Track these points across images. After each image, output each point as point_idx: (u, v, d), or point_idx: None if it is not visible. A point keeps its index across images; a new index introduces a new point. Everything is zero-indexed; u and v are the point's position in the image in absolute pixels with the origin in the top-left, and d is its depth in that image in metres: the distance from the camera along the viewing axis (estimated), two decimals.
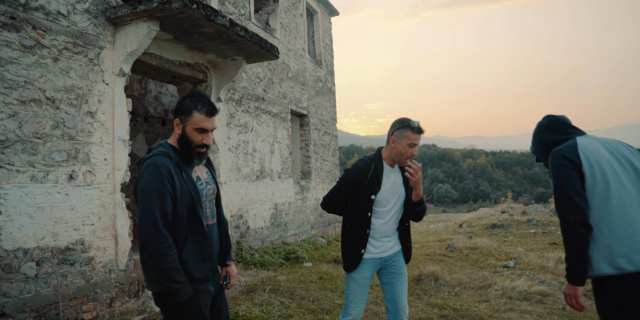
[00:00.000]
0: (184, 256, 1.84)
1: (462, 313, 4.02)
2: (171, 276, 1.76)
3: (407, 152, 2.43)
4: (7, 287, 3.17)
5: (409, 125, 2.41)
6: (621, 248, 1.81)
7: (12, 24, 3.32)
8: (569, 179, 1.90)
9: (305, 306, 4.23)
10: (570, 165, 1.92)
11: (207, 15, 4.13)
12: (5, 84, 3.25)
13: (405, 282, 2.58)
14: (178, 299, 1.80)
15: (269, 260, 6.21)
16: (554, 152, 2.00)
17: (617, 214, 1.85)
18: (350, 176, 2.47)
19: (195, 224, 1.88)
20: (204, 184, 2.00)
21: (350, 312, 2.46)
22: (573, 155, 1.94)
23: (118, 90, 4.21)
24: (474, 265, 6.19)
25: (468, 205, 65.27)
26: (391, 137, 2.47)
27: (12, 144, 3.27)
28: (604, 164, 1.92)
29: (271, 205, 7.48)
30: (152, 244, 1.75)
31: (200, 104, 1.89)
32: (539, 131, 2.19)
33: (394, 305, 2.51)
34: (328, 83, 10.78)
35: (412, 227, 12.32)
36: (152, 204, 1.77)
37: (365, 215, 2.45)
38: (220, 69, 5.90)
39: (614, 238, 1.83)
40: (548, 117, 2.21)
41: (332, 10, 11.11)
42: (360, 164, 2.50)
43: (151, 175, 1.81)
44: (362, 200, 2.45)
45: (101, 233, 3.97)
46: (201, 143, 1.92)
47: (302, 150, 9.43)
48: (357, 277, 2.47)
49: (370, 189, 2.44)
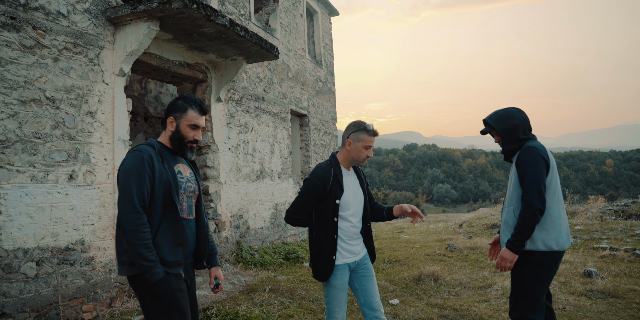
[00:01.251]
0: (157, 240, 1.90)
1: (462, 313, 4.02)
2: (143, 253, 1.82)
3: (362, 154, 2.51)
4: (7, 287, 3.17)
5: (365, 128, 2.47)
6: (554, 233, 2.37)
7: (12, 24, 3.32)
8: (541, 174, 2.35)
9: (305, 306, 4.23)
10: (543, 162, 2.38)
11: (207, 15, 4.14)
12: (5, 84, 3.25)
13: (376, 283, 2.62)
14: (149, 280, 1.84)
15: (269, 260, 6.21)
16: (531, 148, 2.41)
17: (557, 207, 2.41)
18: (312, 185, 2.45)
19: (170, 210, 1.96)
20: (184, 179, 2.09)
21: (336, 316, 2.48)
22: (545, 154, 2.41)
23: (118, 90, 4.22)
24: (474, 265, 6.19)
25: (468, 205, 65.29)
26: (347, 140, 2.51)
27: (12, 144, 3.27)
28: (554, 166, 2.47)
29: (271, 205, 7.48)
30: (126, 220, 1.82)
31: (193, 104, 2.09)
32: (518, 122, 2.51)
33: (370, 308, 2.53)
34: (328, 83, 10.78)
35: (412, 227, 12.32)
36: (130, 184, 1.87)
37: (332, 220, 2.45)
38: (220, 69, 5.90)
39: (552, 224, 2.38)
40: (525, 115, 2.56)
41: (332, 10, 11.11)
42: (320, 171, 2.48)
43: (132, 158, 1.93)
44: (327, 207, 2.46)
45: (101, 233, 3.97)
46: (193, 138, 2.09)
47: (302, 150, 9.44)
48: (337, 283, 2.46)
49: (334, 194, 2.46)
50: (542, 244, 2.36)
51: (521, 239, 2.33)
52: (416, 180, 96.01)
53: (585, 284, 4.91)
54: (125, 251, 1.89)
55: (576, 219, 9.57)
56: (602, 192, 59.90)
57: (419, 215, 2.48)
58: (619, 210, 10.04)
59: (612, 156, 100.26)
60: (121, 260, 1.92)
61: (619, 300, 4.33)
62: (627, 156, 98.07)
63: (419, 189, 78.99)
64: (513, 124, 2.51)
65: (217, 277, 2.22)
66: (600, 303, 4.25)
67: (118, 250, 1.94)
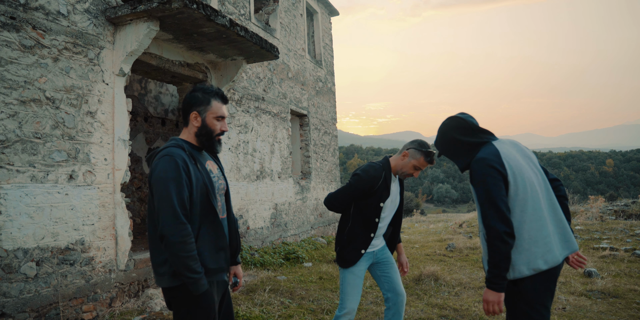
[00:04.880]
0: (198, 246, 1.81)
1: (462, 313, 4.01)
2: (190, 265, 1.72)
3: (410, 171, 2.61)
4: (7, 287, 3.17)
5: (426, 152, 2.56)
6: (538, 250, 1.91)
7: (12, 24, 3.32)
8: (497, 190, 1.90)
9: (305, 306, 4.23)
10: (496, 175, 1.92)
11: (207, 15, 4.13)
12: (5, 84, 3.25)
13: (397, 269, 2.79)
14: (194, 292, 1.74)
15: (269, 260, 6.21)
16: (478, 161, 1.98)
17: (533, 219, 1.93)
18: (362, 182, 2.55)
19: (209, 214, 1.86)
20: (215, 177, 2.00)
21: (347, 305, 2.57)
22: (498, 164, 1.94)
23: (118, 90, 4.21)
24: (474, 265, 6.18)
25: (468, 205, 65.24)
26: (405, 151, 2.61)
27: (12, 144, 3.27)
28: (523, 171, 1.97)
29: (271, 205, 7.48)
30: (171, 233, 1.70)
31: (215, 94, 1.96)
32: (452, 131, 2.12)
33: (394, 293, 2.68)
34: (328, 83, 10.78)
35: (412, 227, 12.32)
36: (169, 193, 1.74)
37: (373, 220, 2.59)
38: (220, 69, 5.90)
39: (533, 242, 1.91)
40: (456, 119, 2.14)
41: (332, 10, 11.12)
42: (372, 171, 2.57)
43: (167, 164, 1.79)
44: (370, 206, 2.58)
45: (101, 233, 3.97)
46: (220, 131, 1.97)
47: (302, 150, 9.43)
48: (356, 269, 2.60)
49: (380, 196, 2.57)
50: (526, 267, 1.90)
51: (498, 273, 1.89)
52: (416, 180, 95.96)
53: (585, 284, 4.91)
54: (165, 261, 1.79)
55: (576, 219, 9.56)
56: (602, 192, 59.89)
57: (404, 269, 2.84)
58: (619, 210, 10.04)
59: (612, 156, 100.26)
60: (160, 271, 1.81)
61: (619, 300, 4.33)
62: (627, 156, 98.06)
63: (419, 189, 79.01)
64: (449, 137, 2.14)
65: (237, 275, 2.17)
66: (600, 303, 4.25)
67: (156, 260, 1.83)
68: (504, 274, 1.89)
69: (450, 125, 2.14)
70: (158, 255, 1.82)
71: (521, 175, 1.96)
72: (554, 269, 1.94)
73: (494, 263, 1.89)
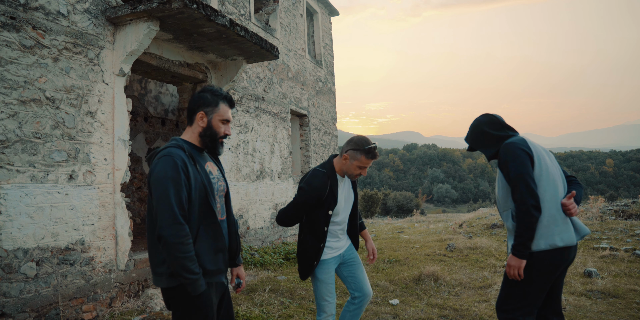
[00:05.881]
0: (196, 248, 1.81)
1: (462, 313, 4.02)
2: (188, 266, 1.72)
3: (356, 172, 2.52)
4: (7, 287, 3.17)
5: (364, 150, 2.45)
6: (556, 228, 2.16)
7: (12, 24, 3.32)
8: (526, 168, 2.17)
9: (305, 306, 4.23)
10: (525, 155, 2.19)
11: (207, 15, 4.13)
12: (5, 84, 3.25)
13: (364, 270, 2.77)
14: (192, 292, 1.75)
15: (269, 260, 6.21)
16: (507, 144, 2.26)
17: (553, 199, 2.19)
18: (307, 196, 2.49)
19: (208, 215, 1.86)
20: (215, 179, 1.99)
21: (325, 310, 2.57)
22: (525, 146, 2.23)
23: (118, 90, 4.21)
24: (474, 265, 6.19)
25: (468, 205, 65.28)
26: (344, 154, 2.51)
27: (12, 144, 3.27)
28: (544, 156, 2.27)
29: (271, 205, 7.48)
30: (169, 233, 1.70)
31: (224, 97, 1.98)
32: (484, 125, 2.43)
33: (362, 292, 2.68)
34: (328, 83, 10.78)
35: (412, 227, 12.32)
36: (167, 193, 1.74)
37: (322, 229, 2.54)
38: (220, 69, 5.90)
39: (552, 220, 2.17)
40: (489, 116, 2.46)
41: (332, 10, 11.12)
42: (316, 182, 2.49)
43: (166, 164, 1.79)
44: (319, 216, 2.53)
45: (101, 233, 3.97)
46: (224, 134, 1.99)
47: (302, 150, 9.44)
48: (323, 277, 2.58)
49: (327, 205, 2.52)
50: (544, 242, 2.14)
51: (523, 242, 2.13)
52: (416, 180, 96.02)
53: (585, 284, 4.91)
54: (163, 262, 1.80)
55: None
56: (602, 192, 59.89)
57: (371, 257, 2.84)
58: (619, 210, 10.03)
59: (612, 156, 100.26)
60: (158, 271, 1.82)
61: (619, 300, 4.33)
62: (627, 156, 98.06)
63: (419, 189, 79.01)
64: (480, 130, 2.43)
65: (239, 276, 2.17)
66: (600, 303, 4.25)
67: (154, 260, 1.83)
68: (528, 243, 2.13)
69: (483, 120, 2.45)
70: (156, 256, 1.82)
71: (541, 159, 2.23)
72: (567, 250, 2.18)
73: (520, 232, 2.13)
